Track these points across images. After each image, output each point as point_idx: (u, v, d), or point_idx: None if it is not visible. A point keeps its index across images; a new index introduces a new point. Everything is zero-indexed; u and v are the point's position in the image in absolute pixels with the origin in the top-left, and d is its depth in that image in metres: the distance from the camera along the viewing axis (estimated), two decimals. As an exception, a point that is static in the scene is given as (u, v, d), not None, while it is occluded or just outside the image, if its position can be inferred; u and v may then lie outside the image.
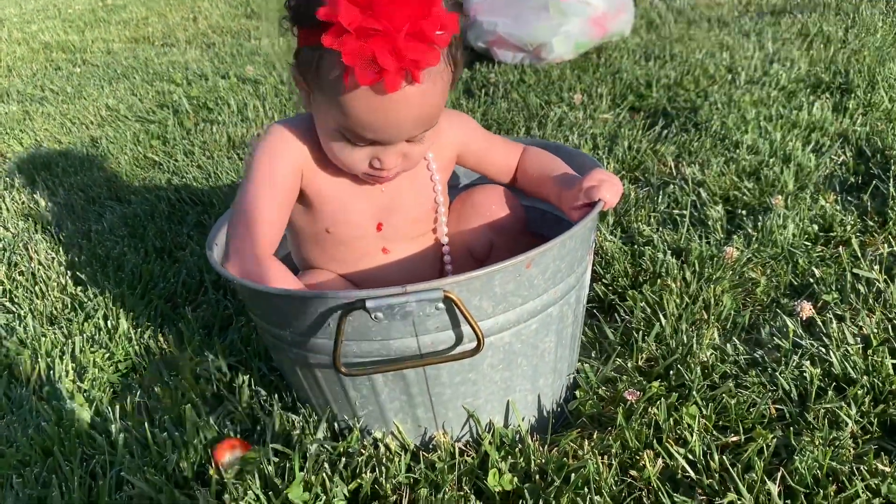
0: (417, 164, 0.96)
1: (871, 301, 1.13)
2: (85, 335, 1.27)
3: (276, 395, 1.05)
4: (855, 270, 1.21)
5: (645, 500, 0.82)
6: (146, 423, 1.01)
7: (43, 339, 1.26)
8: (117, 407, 1.06)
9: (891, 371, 0.96)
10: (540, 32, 2.58)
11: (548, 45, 2.58)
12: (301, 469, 0.90)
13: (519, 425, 0.95)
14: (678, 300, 1.18)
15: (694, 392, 0.97)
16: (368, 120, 0.83)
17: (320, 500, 0.85)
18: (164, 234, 1.65)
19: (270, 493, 0.88)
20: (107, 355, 1.21)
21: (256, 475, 0.89)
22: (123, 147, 2.34)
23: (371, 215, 0.98)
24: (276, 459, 0.92)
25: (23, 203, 1.97)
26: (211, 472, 0.90)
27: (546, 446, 0.92)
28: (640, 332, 1.11)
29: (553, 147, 1.17)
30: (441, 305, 0.81)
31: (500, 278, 0.82)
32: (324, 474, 0.89)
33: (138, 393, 1.09)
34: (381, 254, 1.01)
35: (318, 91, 0.85)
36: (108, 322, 1.30)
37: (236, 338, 1.21)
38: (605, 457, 0.88)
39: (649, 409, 0.94)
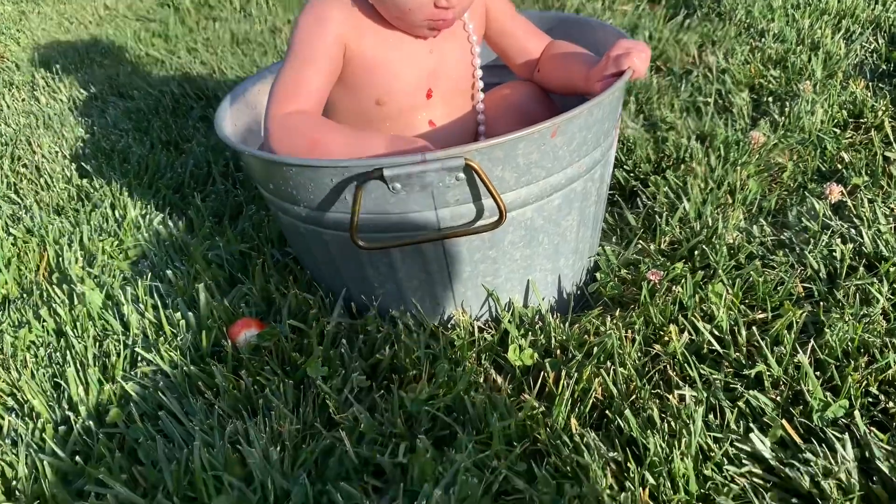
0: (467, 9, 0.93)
1: (903, 183, 1.09)
2: (92, 224, 1.24)
3: (290, 278, 1.03)
4: (886, 154, 1.17)
5: (670, 372, 0.81)
6: (159, 305, 0.99)
7: (50, 227, 1.24)
8: (129, 290, 1.04)
9: (924, 249, 0.93)
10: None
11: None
12: (319, 345, 0.88)
13: (539, 304, 0.93)
14: (702, 184, 1.14)
15: (720, 271, 0.94)
16: None
17: (338, 375, 0.84)
18: (170, 128, 1.60)
19: (288, 368, 0.87)
20: (116, 243, 1.19)
21: (273, 351, 0.88)
22: (124, 45, 2.26)
23: (421, 81, 0.94)
24: (294, 336, 0.91)
25: (23, 101, 1.92)
26: (227, 349, 0.89)
27: (566, 324, 0.90)
28: (664, 216, 1.08)
29: (574, 20, 1.11)
30: (462, 175, 0.77)
31: (524, 147, 0.78)
32: (342, 349, 0.87)
33: (149, 277, 1.07)
34: (428, 127, 0.98)
35: None
36: (116, 211, 1.27)
37: (248, 225, 1.18)
38: (629, 332, 0.86)
39: (673, 288, 0.92)
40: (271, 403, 0.81)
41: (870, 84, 1.40)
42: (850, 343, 0.80)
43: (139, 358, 0.92)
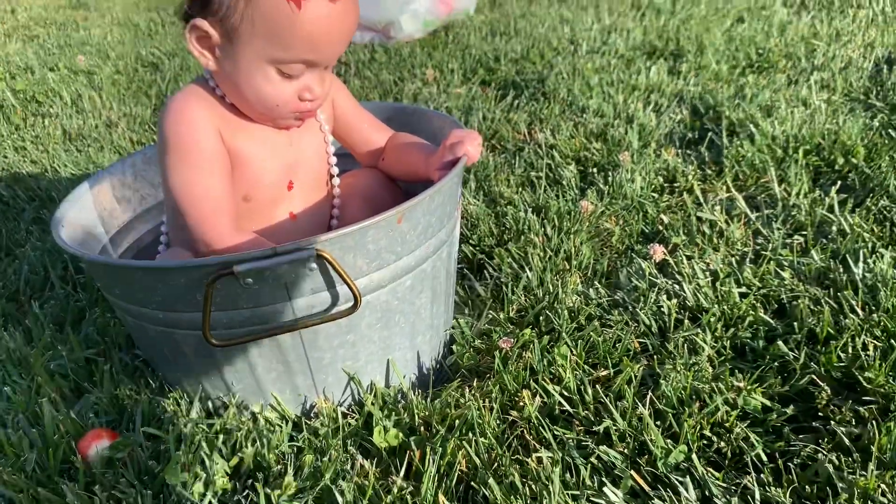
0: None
1: (715, 240, 1.22)
2: (-86, 344, 1.15)
3: (142, 381, 0.99)
4: (699, 214, 1.30)
5: (527, 436, 0.85)
6: (-3, 426, 0.93)
7: None
8: (-39, 413, 0.96)
9: (737, 299, 1.04)
10: (387, 11, 2.58)
11: (396, 23, 2.58)
12: (177, 450, 0.86)
13: (400, 383, 0.95)
14: (542, 253, 1.22)
15: (563, 334, 1.01)
16: (317, 34, 0.84)
17: (200, 480, 0.82)
18: (0, 233, 1.51)
19: (146, 478, 0.83)
20: (-57, 362, 1.10)
21: (129, 462, 0.84)
22: (-59, 146, 2.12)
23: (283, 173, 0.96)
24: (149, 444, 0.88)
25: None
26: (77, 465, 0.84)
27: (428, 399, 0.92)
28: (510, 286, 1.14)
29: (411, 110, 1.18)
30: (314, 265, 0.79)
31: (373, 234, 0.81)
32: (202, 453, 0.85)
33: (-16, 396, 1.00)
34: (290, 221, 0.99)
35: (242, 32, 0.83)
36: (-59, 327, 1.18)
37: (92, 330, 1.13)
38: (486, 401, 0.90)
39: (524, 354, 0.97)
40: (130, 518, 0.77)
41: (679, 151, 1.57)
42: (683, 391, 0.88)
43: (-23, 486, 0.85)
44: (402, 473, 0.81)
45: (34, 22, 3.90)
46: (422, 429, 0.88)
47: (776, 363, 0.92)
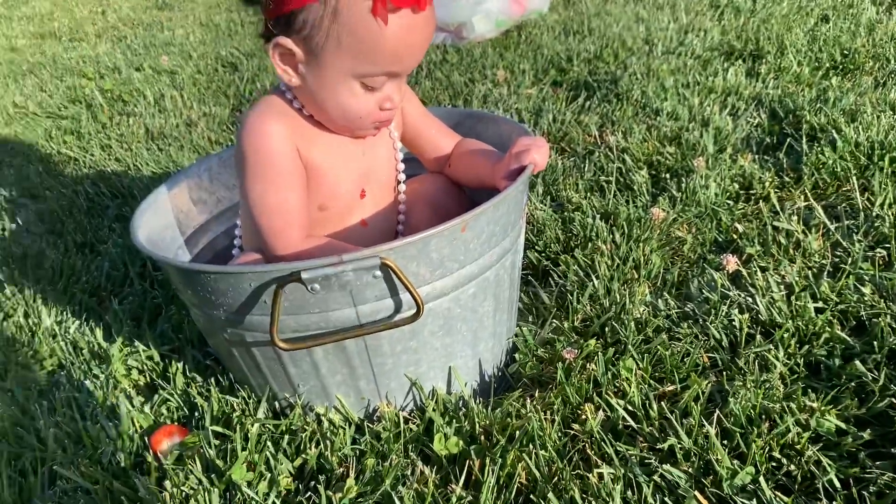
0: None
1: (791, 251, 1.17)
2: (5, 335, 1.21)
3: (212, 380, 1.02)
4: (775, 223, 1.26)
5: (589, 450, 0.84)
6: (77, 417, 0.97)
7: (-41, 341, 1.20)
8: (45, 403, 1.01)
9: (813, 314, 1.00)
10: (460, 11, 2.58)
11: (468, 23, 2.58)
12: (243, 449, 0.88)
13: (462, 390, 0.96)
14: (609, 261, 1.20)
15: (629, 346, 0.99)
16: (402, 46, 0.85)
17: (265, 479, 0.84)
18: (84, 229, 1.59)
19: (213, 475, 0.86)
20: (30, 353, 1.16)
21: (197, 459, 0.87)
22: (35, 144, 2.24)
23: (357, 182, 0.98)
24: (217, 442, 0.90)
25: (-72, 206, 1.86)
26: (149, 459, 0.88)
27: (489, 408, 0.92)
28: (575, 294, 1.13)
29: (479, 115, 1.18)
30: (378, 273, 0.80)
31: (436, 243, 0.81)
32: (267, 453, 0.87)
33: (66, 388, 1.05)
34: (361, 228, 1.01)
35: (327, 49, 0.85)
36: (30, 320, 1.25)
37: (167, 327, 1.18)
38: (548, 413, 0.90)
39: (588, 366, 0.96)
40: (197, 514, 0.80)
41: (756, 157, 1.52)
42: (752, 410, 0.86)
43: (58, 476, 0.89)
44: (461, 482, 0.81)
45: (122, 23, 4.06)
46: (482, 438, 0.88)
47: (853, 384, 0.89)
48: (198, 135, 2.10)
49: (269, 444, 0.88)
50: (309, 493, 0.84)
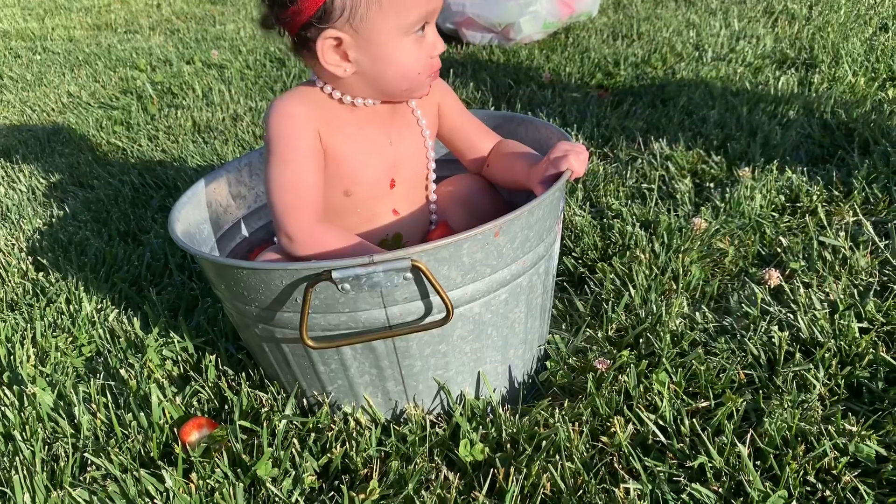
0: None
1: (837, 268, 1.14)
2: (47, 320, 1.24)
3: (243, 374, 1.03)
4: (821, 238, 1.22)
5: (616, 464, 0.82)
6: (111, 405, 0.99)
7: (2, 324, 1.23)
8: (80, 390, 1.03)
9: (857, 334, 0.97)
10: (508, 13, 2.57)
11: (516, 25, 2.57)
12: (270, 445, 0.88)
13: (490, 396, 0.95)
14: (647, 271, 1.18)
15: (664, 359, 0.97)
16: None
17: (289, 476, 0.84)
18: (128, 218, 1.61)
19: (238, 470, 0.87)
20: (70, 339, 1.19)
21: (224, 452, 0.88)
22: (86, 133, 2.29)
23: (384, 171, 0.99)
24: (245, 437, 0.91)
25: (-18, 191, 1.92)
26: (177, 450, 0.88)
27: (517, 416, 0.91)
28: (610, 303, 1.11)
29: (520, 119, 1.16)
30: (409, 275, 0.79)
31: (469, 247, 0.81)
32: (293, 450, 0.87)
33: (102, 375, 1.07)
34: (393, 216, 1.02)
35: (372, 17, 0.86)
36: (71, 306, 1.27)
37: (202, 319, 1.19)
38: (576, 424, 0.88)
39: (619, 377, 0.94)
40: (221, 507, 0.80)
41: (805, 169, 1.48)
42: (788, 431, 0.83)
43: (89, 462, 0.91)
44: (484, 490, 0.80)
45: (176, 16, 4.14)
46: (508, 446, 0.87)
47: (896, 409, 0.86)
48: (242, 129, 2.13)
49: (295, 441, 0.88)
50: (332, 492, 0.83)
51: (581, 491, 0.79)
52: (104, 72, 3.01)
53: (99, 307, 1.27)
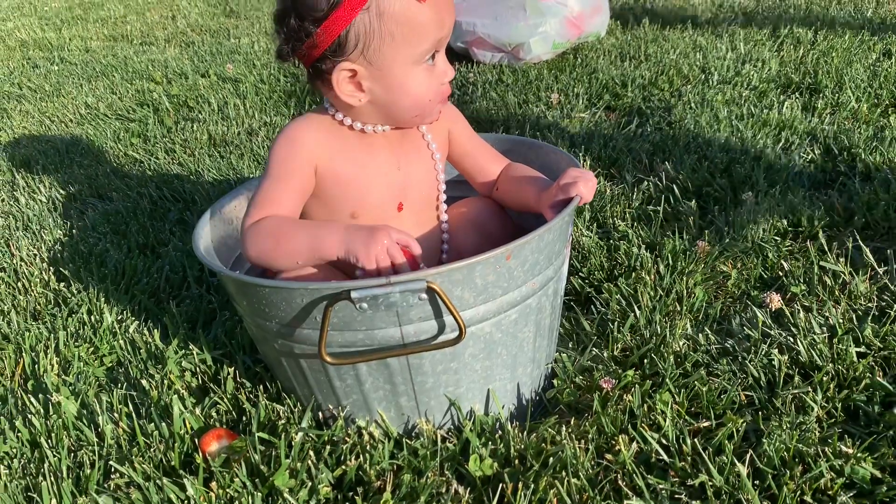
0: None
1: (836, 292, 1.17)
2: (69, 330, 1.28)
3: (260, 387, 1.07)
4: (822, 263, 1.26)
5: (620, 482, 0.86)
6: (133, 415, 1.03)
7: (27, 333, 1.27)
8: (104, 399, 1.07)
9: (854, 358, 1.00)
10: (518, 33, 2.61)
11: (526, 45, 2.61)
12: (287, 457, 0.92)
13: (499, 413, 0.98)
14: (652, 292, 1.22)
15: (667, 380, 1.00)
16: (439, 9, 0.91)
17: (305, 487, 0.88)
18: (147, 231, 1.66)
19: (257, 480, 0.90)
20: (91, 349, 1.23)
21: (243, 463, 0.91)
22: (104, 145, 2.34)
23: (391, 195, 1.02)
24: (262, 448, 0.95)
25: (2, 201, 1.97)
26: (198, 460, 0.92)
27: (525, 432, 0.95)
28: (616, 323, 1.15)
29: (529, 143, 1.20)
30: (424, 296, 0.83)
31: (481, 269, 0.84)
32: (309, 462, 0.91)
33: (124, 385, 1.11)
34: None
35: (385, 49, 0.90)
36: (93, 317, 1.31)
37: (220, 332, 1.23)
38: (582, 441, 0.92)
39: (624, 397, 0.98)
40: (241, 516, 0.84)
41: (807, 193, 1.51)
42: (786, 452, 0.86)
43: (113, 469, 0.94)
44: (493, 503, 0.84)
45: (191, 28, 4.20)
46: (516, 461, 0.90)
47: (891, 432, 0.89)
48: (258, 144, 2.17)
49: (311, 453, 0.92)
50: (347, 503, 0.87)
51: (586, 506, 0.83)
52: (121, 83, 3.06)
53: (119, 318, 1.31)
